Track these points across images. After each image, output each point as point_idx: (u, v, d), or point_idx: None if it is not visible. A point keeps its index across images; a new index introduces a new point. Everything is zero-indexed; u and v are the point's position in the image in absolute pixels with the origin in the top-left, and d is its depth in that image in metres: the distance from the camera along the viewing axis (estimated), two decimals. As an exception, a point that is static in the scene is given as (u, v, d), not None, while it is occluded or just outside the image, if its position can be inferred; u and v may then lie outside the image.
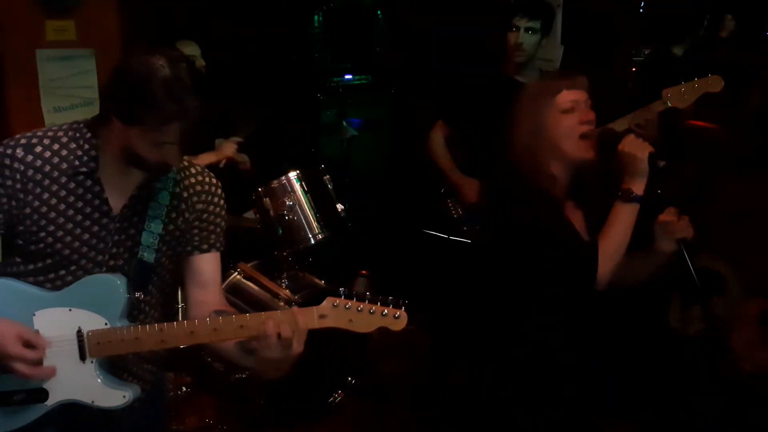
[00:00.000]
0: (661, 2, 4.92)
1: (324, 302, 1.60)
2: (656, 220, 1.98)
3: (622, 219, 1.95)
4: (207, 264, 1.82)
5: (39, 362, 1.62)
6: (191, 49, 3.87)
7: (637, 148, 1.93)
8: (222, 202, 1.84)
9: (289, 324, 1.58)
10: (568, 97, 1.99)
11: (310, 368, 3.30)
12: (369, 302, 1.58)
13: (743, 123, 3.75)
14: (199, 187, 1.79)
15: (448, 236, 3.37)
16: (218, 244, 1.84)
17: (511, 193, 2.04)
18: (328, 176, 3.58)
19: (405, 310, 1.58)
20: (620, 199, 1.96)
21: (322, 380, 3.38)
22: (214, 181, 1.83)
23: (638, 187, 1.94)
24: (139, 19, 4.21)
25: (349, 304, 1.58)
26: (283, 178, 3.42)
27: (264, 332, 1.57)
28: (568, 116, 1.98)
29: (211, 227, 1.82)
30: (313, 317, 1.60)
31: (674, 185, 3.68)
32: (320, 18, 5.17)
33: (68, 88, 3.84)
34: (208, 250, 1.82)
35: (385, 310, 1.57)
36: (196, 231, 1.80)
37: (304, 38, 5.22)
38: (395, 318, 1.57)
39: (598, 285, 1.96)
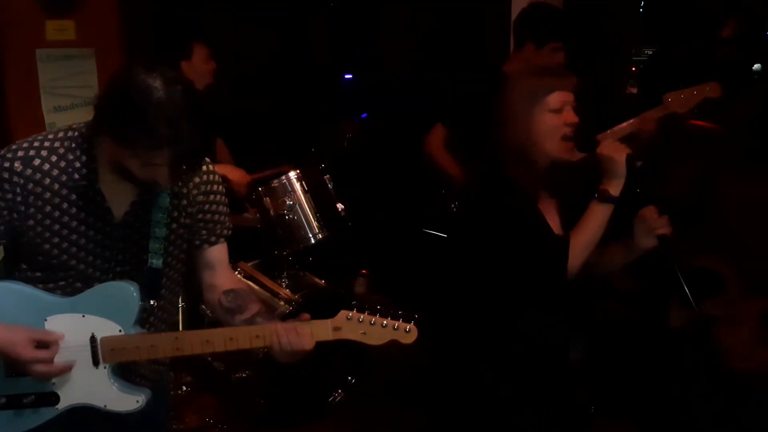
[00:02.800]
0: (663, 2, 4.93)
1: (338, 315, 1.65)
2: (637, 214, 2.04)
3: (596, 218, 2.01)
4: (217, 252, 1.86)
5: (51, 360, 1.63)
6: (208, 50, 3.86)
7: (614, 151, 1.98)
8: (222, 188, 1.83)
9: (303, 337, 1.64)
10: (558, 98, 2.02)
11: (310, 368, 3.30)
12: (381, 315, 1.63)
13: (740, 123, 3.75)
14: (197, 179, 1.77)
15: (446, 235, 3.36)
16: (225, 232, 1.87)
17: (489, 187, 2.07)
18: (328, 176, 3.58)
19: (415, 324, 1.64)
20: (596, 199, 2.02)
21: (322, 380, 3.38)
22: (211, 168, 1.81)
23: (615, 189, 2.00)
24: (139, 19, 4.21)
25: (362, 317, 1.63)
26: (284, 177, 3.42)
27: (279, 344, 1.63)
28: (555, 116, 2.02)
29: (216, 217, 1.82)
30: (327, 329, 1.65)
31: (675, 185, 3.70)
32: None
33: (68, 87, 3.84)
34: (216, 242, 1.84)
35: (397, 324, 1.63)
36: (201, 224, 1.80)
37: (305, 38, 5.22)
38: (406, 332, 1.64)
39: (568, 277, 2.02)
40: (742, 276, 3.37)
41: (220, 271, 1.86)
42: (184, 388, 3.43)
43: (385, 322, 1.62)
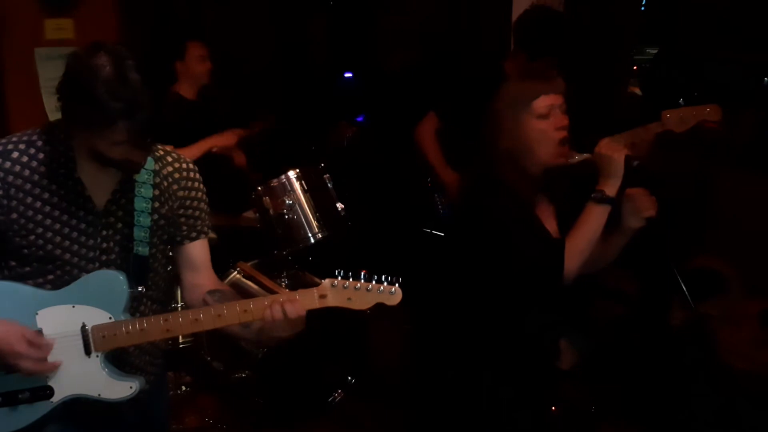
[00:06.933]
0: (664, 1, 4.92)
1: (323, 283, 1.66)
2: (625, 193, 2.03)
3: (593, 219, 2.00)
4: (197, 250, 1.87)
5: (44, 359, 1.64)
6: (204, 49, 3.85)
7: (613, 150, 1.98)
8: (201, 186, 1.86)
9: (293, 306, 1.64)
10: (544, 102, 2.01)
11: (310, 368, 3.30)
12: (365, 281, 1.65)
13: (742, 131, 3.75)
14: (177, 175, 1.81)
15: (443, 233, 3.36)
16: (206, 229, 1.88)
17: (484, 191, 2.07)
18: (327, 175, 3.57)
19: (399, 286, 1.65)
20: (592, 200, 2.01)
21: (322, 380, 3.37)
22: (191, 166, 1.85)
23: (611, 189, 1.99)
24: (137, 18, 4.20)
25: (347, 283, 1.65)
26: (283, 177, 3.42)
27: (270, 317, 1.63)
28: (543, 121, 2.01)
29: (197, 213, 1.85)
30: (313, 298, 1.66)
31: (675, 185, 3.69)
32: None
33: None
34: (197, 238, 1.86)
35: (381, 287, 1.65)
36: (182, 220, 1.83)
37: (304, 38, 5.21)
38: (391, 294, 1.65)
39: (566, 280, 2.01)
40: (743, 276, 3.37)
41: (204, 271, 1.88)
42: (184, 388, 3.42)
43: (369, 286, 1.64)
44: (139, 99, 1.50)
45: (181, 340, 3.36)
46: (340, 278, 1.65)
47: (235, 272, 3.53)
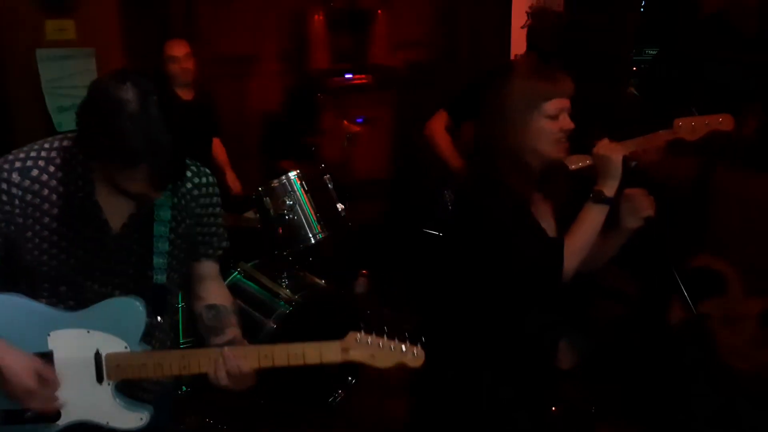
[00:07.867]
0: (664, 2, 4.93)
1: (347, 337, 1.65)
2: (623, 193, 2.03)
3: (591, 219, 2.01)
4: (208, 266, 1.84)
5: (50, 400, 1.61)
6: (181, 48, 3.84)
7: (611, 151, 1.99)
8: (218, 200, 1.82)
9: (236, 362, 1.67)
10: (556, 104, 2.01)
11: (310, 368, 3.30)
12: (388, 338, 1.64)
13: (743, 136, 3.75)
14: (196, 192, 1.75)
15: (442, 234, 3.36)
16: (224, 243, 1.85)
17: (484, 191, 2.07)
18: (328, 176, 3.58)
19: (421, 347, 1.65)
20: (591, 200, 2.02)
21: (322, 380, 3.38)
22: (210, 180, 1.79)
23: (609, 189, 1.99)
24: (139, 18, 4.20)
25: (371, 339, 1.64)
26: (283, 177, 3.42)
27: (214, 375, 1.67)
28: (551, 122, 2.02)
29: (212, 230, 1.81)
30: (336, 350, 1.65)
31: (676, 185, 3.70)
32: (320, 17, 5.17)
33: (69, 87, 3.84)
34: (213, 255, 1.83)
35: (404, 347, 1.64)
36: (200, 238, 1.79)
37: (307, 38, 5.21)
38: (414, 355, 1.65)
39: (564, 279, 2.01)
40: (743, 276, 3.37)
41: (209, 283, 1.85)
42: (184, 388, 3.43)
43: (393, 345, 1.63)
44: (162, 141, 1.45)
45: (182, 340, 3.37)
46: (363, 333, 1.64)
47: (236, 273, 3.54)
